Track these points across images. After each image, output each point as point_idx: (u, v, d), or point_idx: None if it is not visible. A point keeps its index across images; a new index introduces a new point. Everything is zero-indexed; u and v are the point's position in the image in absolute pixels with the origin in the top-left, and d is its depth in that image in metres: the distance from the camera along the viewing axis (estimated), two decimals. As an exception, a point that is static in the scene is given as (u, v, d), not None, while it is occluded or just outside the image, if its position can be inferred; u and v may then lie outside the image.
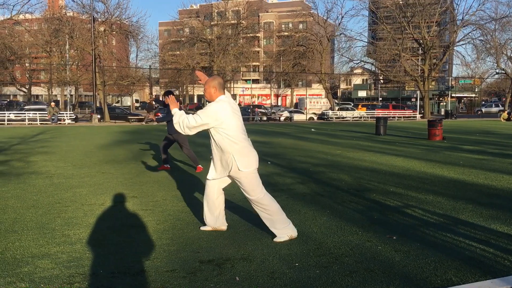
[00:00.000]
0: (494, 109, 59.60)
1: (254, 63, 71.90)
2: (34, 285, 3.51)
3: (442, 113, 54.39)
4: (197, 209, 5.96)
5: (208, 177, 4.84)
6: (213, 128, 4.54)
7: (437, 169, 9.52)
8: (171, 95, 4.73)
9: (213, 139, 4.63)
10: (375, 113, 42.33)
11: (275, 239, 4.60)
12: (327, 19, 47.43)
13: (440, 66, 51.76)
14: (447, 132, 21.19)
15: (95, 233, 4.88)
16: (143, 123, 32.92)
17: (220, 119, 4.48)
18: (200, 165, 9.39)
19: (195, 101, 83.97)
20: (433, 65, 46.51)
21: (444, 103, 62.35)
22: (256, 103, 68.10)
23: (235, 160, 4.52)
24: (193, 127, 4.54)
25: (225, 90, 4.80)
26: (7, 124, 30.88)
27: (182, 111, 4.75)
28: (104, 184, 7.75)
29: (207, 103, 4.88)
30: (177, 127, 4.62)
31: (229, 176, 4.70)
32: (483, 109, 60.40)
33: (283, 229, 4.64)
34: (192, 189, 7.38)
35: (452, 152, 13.03)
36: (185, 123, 4.55)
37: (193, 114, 4.65)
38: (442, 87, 69.45)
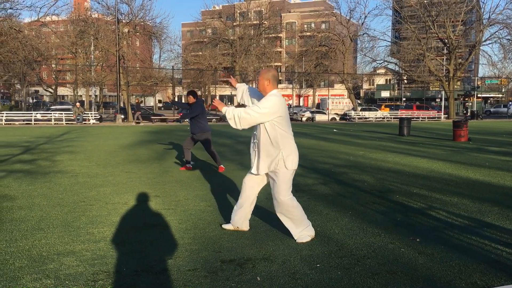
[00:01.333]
0: (503, 109, 58.12)
1: (276, 64, 71.84)
2: (59, 282, 3.58)
3: (468, 113, 53.42)
4: (219, 209, 5.99)
5: (253, 172, 4.69)
6: (269, 121, 4.45)
7: (462, 171, 9.36)
8: (215, 99, 4.70)
9: (267, 133, 4.47)
10: (399, 114, 41.83)
11: (298, 240, 4.58)
12: (350, 19, 47.04)
13: (466, 66, 50.81)
14: (473, 133, 20.80)
15: (118, 232, 4.95)
16: (132, 123, 32.43)
17: (279, 112, 4.43)
18: (222, 165, 9.44)
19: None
20: (458, 65, 45.68)
21: (470, 104, 61.21)
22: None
23: (283, 157, 4.46)
24: (251, 120, 4.39)
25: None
26: (34, 124, 31.56)
27: (233, 106, 4.58)
28: (128, 184, 7.86)
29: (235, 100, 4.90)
30: (231, 122, 4.48)
31: (269, 173, 4.58)
32: (492, 109, 58.91)
33: (304, 230, 4.63)
34: (214, 189, 7.41)
35: (477, 153, 12.79)
36: (241, 117, 4.40)
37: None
38: (468, 87, 68.21)
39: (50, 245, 4.49)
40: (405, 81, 59.94)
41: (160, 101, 77.25)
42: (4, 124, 30.67)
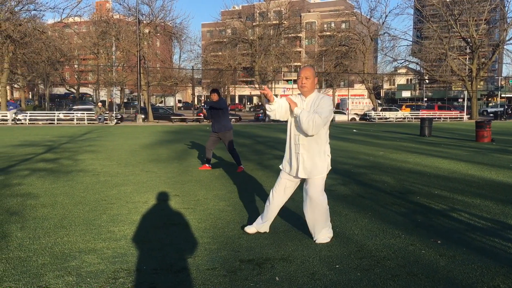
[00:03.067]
0: (500, 109, 56.40)
1: (295, 64, 71.64)
2: (81, 279, 3.63)
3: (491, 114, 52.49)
4: (237, 208, 6.01)
5: (300, 176, 4.47)
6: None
7: (485, 172, 9.19)
8: (288, 97, 4.51)
9: (320, 135, 4.38)
10: (420, 114, 41.32)
11: (317, 240, 4.56)
12: (371, 18, 46.64)
13: (489, 66, 49.90)
14: (496, 134, 20.42)
15: (139, 230, 5.00)
16: (101, 123, 31.42)
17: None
18: (242, 166, 9.45)
19: (236, 101, 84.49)
20: (481, 65, 44.89)
21: (493, 104, 60.12)
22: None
23: (327, 158, 4.47)
24: (322, 124, 4.26)
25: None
26: (57, 123, 32.09)
27: (308, 111, 4.34)
28: (148, 183, 7.93)
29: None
30: (305, 126, 4.24)
31: (303, 177, 4.49)
32: (489, 110, 57.22)
33: (326, 232, 4.61)
34: (233, 188, 7.43)
35: (501, 154, 12.55)
36: (316, 123, 4.22)
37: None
38: (491, 87, 67.11)
39: (72, 242, 4.57)
40: (427, 81, 59.18)
41: (180, 101, 77.80)
42: (28, 123, 31.28)
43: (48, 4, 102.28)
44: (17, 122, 30.98)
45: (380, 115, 41.84)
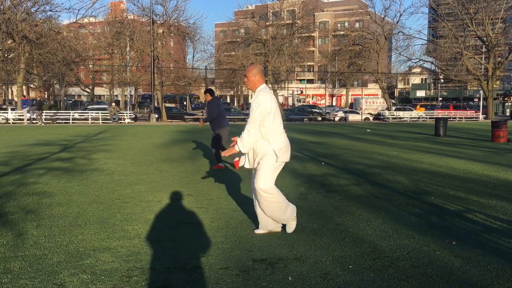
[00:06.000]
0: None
1: (309, 63, 71.50)
2: (95, 277, 3.67)
3: (507, 113, 51.80)
4: (250, 208, 6.01)
5: (246, 166, 4.77)
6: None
7: (501, 173, 9.07)
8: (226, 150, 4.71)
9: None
10: (435, 114, 40.93)
11: (288, 230, 4.78)
12: (385, 17, 46.31)
13: (506, 65, 49.19)
14: (513, 134, 20.13)
15: (152, 229, 5.03)
16: (41, 124, 29.81)
17: (267, 110, 4.49)
18: (221, 164, 9.58)
19: (249, 101, 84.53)
20: (497, 64, 44.29)
21: (510, 104, 59.27)
22: (310, 103, 67.75)
23: (274, 150, 4.53)
24: (254, 137, 4.49)
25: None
26: (72, 123, 32.42)
27: (241, 136, 4.59)
28: (161, 182, 7.98)
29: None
30: (246, 147, 4.53)
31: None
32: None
33: (288, 218, 4.74)
34: (245, 188, 7.44)
35: (517, 155, 12.38)
36: (244, 139, 4.49)
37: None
38: (508, 87, 66.19)
39: (87, 241, 4.61)
40: (442, 80, 58.56)
41: (194, 99, 78.11)
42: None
43: (64, 5, 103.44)
44: (33, 121, 31.36)
45: (394, 115, 41.53)
